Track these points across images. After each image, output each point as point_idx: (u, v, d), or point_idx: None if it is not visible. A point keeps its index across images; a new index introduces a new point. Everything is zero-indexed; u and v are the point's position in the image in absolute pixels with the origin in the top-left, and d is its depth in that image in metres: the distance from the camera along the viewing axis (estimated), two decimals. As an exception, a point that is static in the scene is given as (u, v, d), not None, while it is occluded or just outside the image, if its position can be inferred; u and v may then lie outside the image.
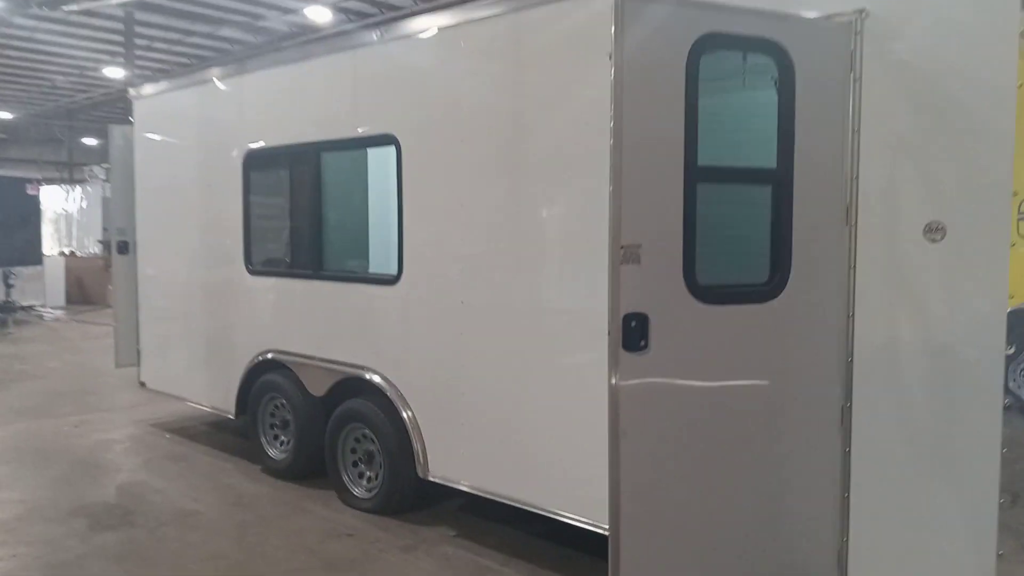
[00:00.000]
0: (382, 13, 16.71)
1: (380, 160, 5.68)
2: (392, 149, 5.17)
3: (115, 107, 25.26)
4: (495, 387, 4.72)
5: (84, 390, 9.65)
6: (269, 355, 6.26)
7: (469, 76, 4.74)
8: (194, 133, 6.94)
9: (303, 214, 5.97)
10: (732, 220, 3.46)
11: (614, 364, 2.99)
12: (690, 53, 3.02)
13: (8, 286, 15.08)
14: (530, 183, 4.46)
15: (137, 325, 7.80)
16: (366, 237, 5.95)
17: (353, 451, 5.69)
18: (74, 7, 14.92)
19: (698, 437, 3.23)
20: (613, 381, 3.02)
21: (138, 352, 7.81)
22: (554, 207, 4.38)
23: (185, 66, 21.17)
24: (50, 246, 22.09)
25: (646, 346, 3.01)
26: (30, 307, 16.37)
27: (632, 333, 2.97)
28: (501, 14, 4.50)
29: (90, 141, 34.37)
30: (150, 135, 7.54)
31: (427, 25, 4.97)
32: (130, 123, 7.75)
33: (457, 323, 4.89)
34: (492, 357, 4.73)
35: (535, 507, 4.51)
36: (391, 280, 5.27)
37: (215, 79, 6.67)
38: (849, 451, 3.43)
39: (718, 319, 3.18)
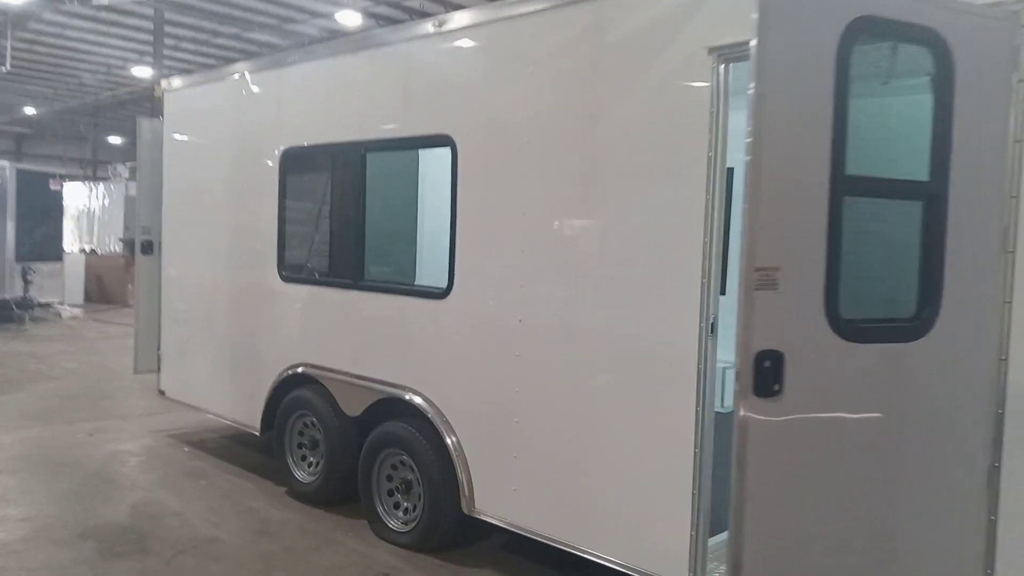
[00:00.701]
0: (412, 19, 16.36)
1: (433, 162, 5.22)
2: (447, 151, 4.71)
3: (141, 105, 25.03)
4: (556, 417, 4.23)
5: (100, 394, 9.23)
6: (300, 369, 5.80)
7: (538, 72, 4.27)
8: (228, 129, 6.51)
9: (344, 219, 5.51)
10: (875, 242, 2.96)
11: (742, 412, 2.50)
12: (841, 40, 2.54)
13: (26, 282, 14.72)
14: (607, 192, 3.99)
15: (159, 329, 7.36)
16: (414, 246, 5.49)
17: (389, 479, 5.21)
18: (104, 1, 14.62)
19: (830, 498, 2.73)
20: (739, 432, 2.53)
21: (158, 358, 7.38)
22: (635, 219, 3.88)
23: (212, 67, 20.92)
24: (71, 243, 21.81)
25: (779, 391, 2.52)
26: (48, 304, 16.03)
27: (765, 375, 2.48)
28: (579, 1, 4.04)
29: (115, 139, 34.27)
30: (180, 130, 7.12)
31: (491, 15, 4.51)
32: (159, 118, 7.35)
33: (514, 344, 4.41)
34: (554, 383, 4.25)
35: (600, 558, 4.01)
36: (440, 294, 4.79)
37: (252, 73, 6.25)
38: (995, 519, 2.92)
39: (860, 360, 2.68)
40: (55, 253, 15.80)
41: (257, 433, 6.18)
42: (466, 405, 4.72)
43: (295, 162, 5.88)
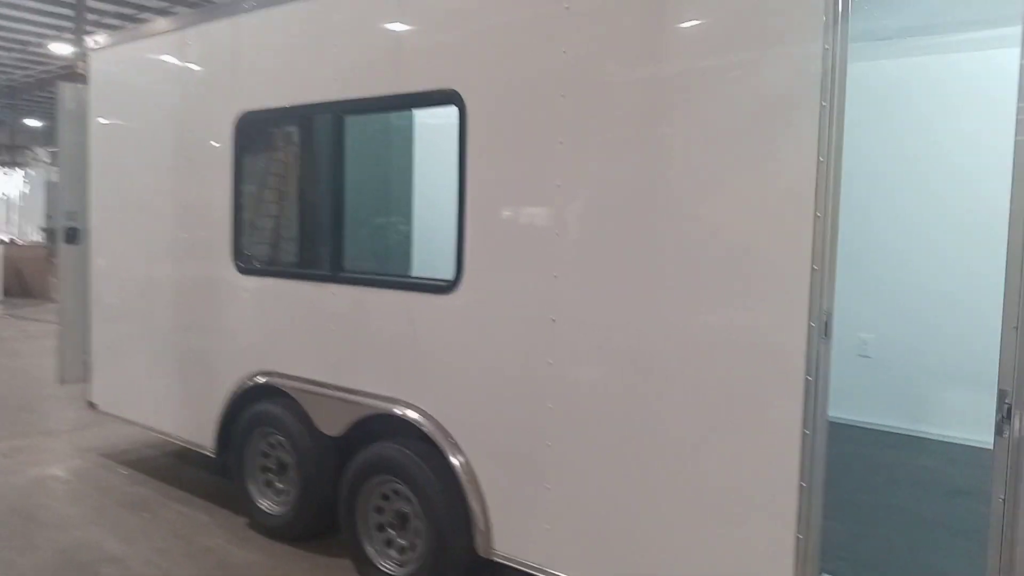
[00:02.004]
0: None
1: (433, 125, 4.30)
2: (453, 110, 3.81)
3: (62, 86, 23.22)
4: (605, 440, 3.38)
5: (20, 405, 8.06)
6: (262, 379, 4.84)
7: (579, 4, 3.39)
8: (169, 94, 5.46)
9: (316, 197, 4.57)
10: None
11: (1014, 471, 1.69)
12: None
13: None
14: (679, 155, 3.14)
15: (88, 331, 6.28)
16: (408, 229, 4.56)
17: (379, 510, 4.30)
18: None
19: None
20: (1007, 499, 1.72)
21: (87, 365, 6.30)
22: (719, 189, 3.05)
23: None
24: (-13, 233, 20.12)
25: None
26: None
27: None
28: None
29: (33, 122, 32.07)
30: (111, 97, 6.03)
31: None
32: (84, 84, 6.24)
33: (545, 348, 3.55)
34: (601, 398, 3.40)
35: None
36: (445, 287, 3.90)
37: (199, 24, 5.22)
38: None
39: None
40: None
41: (211, 454, 5.20)
42: (477, 423, 3.85)
43: (253, 129, 4.89)
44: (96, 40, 6.15)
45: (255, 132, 4.90)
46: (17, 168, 22.53)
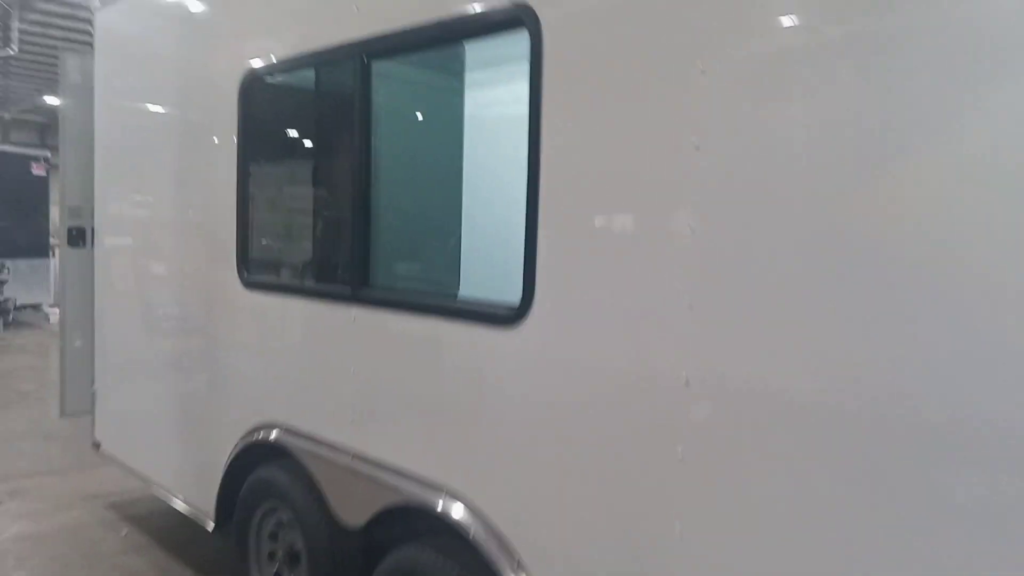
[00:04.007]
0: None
1: (491, 65, 2.90)
2: (523, 38, 2.39)
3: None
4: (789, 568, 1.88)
5: (47, 432, 7.05)
6: (272, 434, 3.52)
7: None
8: (171, 54, 4.24)
9: (333, 180, 3.23)
10: None
11: None
12: None
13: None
14: (944, 79, 1.62)
15: (92, 355, 5.14)
16: (457, 229, 3.14)
17: (414, 645, 2.90)
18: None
19: None
20: None
21: (93, 396, 5.16)
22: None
23: None
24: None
25: None
26: (35, 306, 13.94)
27: None
28: None
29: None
30: (117, 65, 4.87)
31: None
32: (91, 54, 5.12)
33: (671, 427, 2.06)
34: (778, 524, 1.89)
35: None
36: (507, 316, 2.46)
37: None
38: None
39: None
40: (41, 249, 13.65)
41: (211, 525, 3.92)
42: (554, 537, 2.40)
43: (262, 93, 3.59)
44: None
45: (264, 96, 3.59)
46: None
